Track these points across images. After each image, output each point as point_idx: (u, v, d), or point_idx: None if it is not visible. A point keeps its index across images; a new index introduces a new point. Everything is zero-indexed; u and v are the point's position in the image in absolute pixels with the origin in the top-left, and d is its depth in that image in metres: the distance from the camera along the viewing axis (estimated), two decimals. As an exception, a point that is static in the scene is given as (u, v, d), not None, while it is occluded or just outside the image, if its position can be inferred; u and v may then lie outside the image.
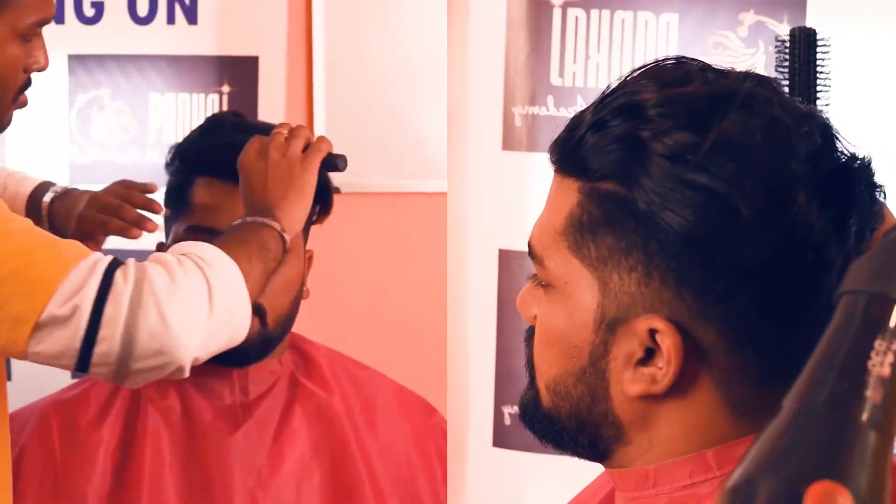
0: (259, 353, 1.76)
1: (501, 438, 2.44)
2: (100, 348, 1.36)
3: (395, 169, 2.70)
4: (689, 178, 0.91)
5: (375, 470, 1.81)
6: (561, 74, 2.37)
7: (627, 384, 0.96)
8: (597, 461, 1.04)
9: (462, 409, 2.41)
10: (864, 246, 0.96)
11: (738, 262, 0.91)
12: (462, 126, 2.36)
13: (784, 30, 2.21)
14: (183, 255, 1.44)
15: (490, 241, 2.40)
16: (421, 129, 2.71)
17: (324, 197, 1.75)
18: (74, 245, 1.39)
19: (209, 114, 2.66)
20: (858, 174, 0.95)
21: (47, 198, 1.79)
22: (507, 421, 2.42)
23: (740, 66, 2.10)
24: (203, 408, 1.74)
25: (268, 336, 1.72)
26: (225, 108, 2.67)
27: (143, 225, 1.74)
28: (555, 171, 1.00)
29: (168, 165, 1.79)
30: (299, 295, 1.77)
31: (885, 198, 0.98)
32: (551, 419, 1.03)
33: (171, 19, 2.65)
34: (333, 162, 1.62)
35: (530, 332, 1.05)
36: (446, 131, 2.42)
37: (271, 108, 2.67)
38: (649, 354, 0.95)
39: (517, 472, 2.46)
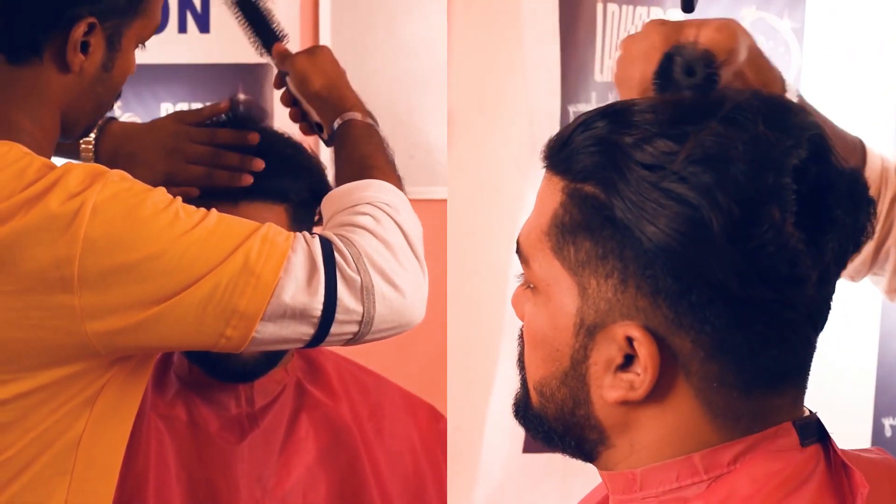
0: (265, 368, 1.75)
1: (533, 443, 2.44)
2: (336, 330, 1.37)
3: (403, 175, 2.70)
4: (664, 188, 0.91)
5: (384, 478, 1.80)
6: (601, 71, 2.36)
7: (606, 390, 0.97)
8: (586, 461, 1.04)
9: (462, 414, 2.41)
10: (845, 261, 0.96)
11: (709, 274, 0.90)
12: (463, 131, 2.36)
13: (784, 25, 2.21)
14: (368, 205, 1.44)
15: (490, 244, 2.40)
16: (424, 136, 2.72)
17: None
18: (273, 228, 1.37)
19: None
20: (841, 193, 0.93)
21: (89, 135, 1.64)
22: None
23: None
24: (209, 418, 1.74)
25: (272, 352, 1.72)
26: (238, 116, 2.66)
27: (250, 166, 1.67)
28: (545, 168, 1.01)
29: None
30: None
31: (874, 213, 0.97)
32: (540, 419, 1.03)
33: (182, 28, 2.65)
34: None
35: (521, 332, 1.06)
36: (450, 136, 2.41)
37: (285, 115, 2.66)
38: (628, 360, 0.95)
39: (547, 475, 2.45)
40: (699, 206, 0.89)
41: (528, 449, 2.45)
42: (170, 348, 1.43)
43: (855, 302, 1.35)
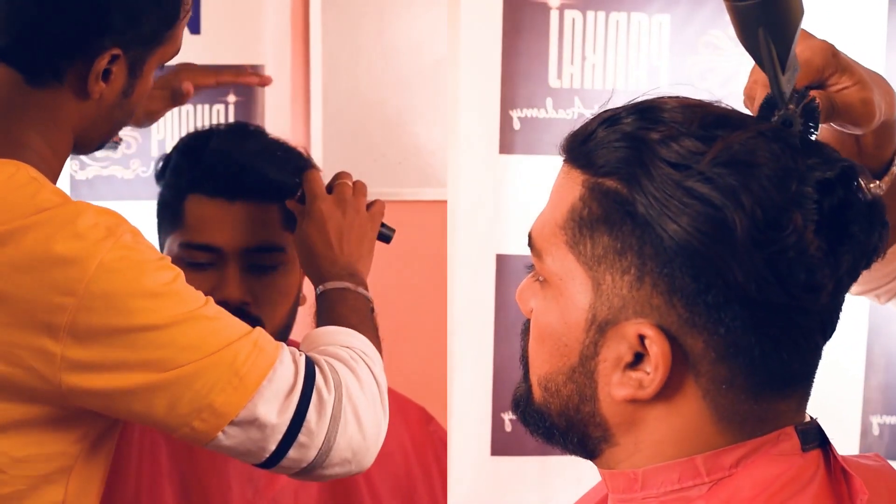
0: None
1: (501, 446, 2.44)
2: (294, 453, 1.37)
3: (395, 177, 2.70)
4: (689, 187, 0.91)
5: (374, 479, 1.80)
6: (559, 77, 2.37)
7: (615, 387, 0.97)
8: (587, 459, 1.05)
9: (462, 418, 2.41)
10: (857, 275, 0.97)
11: (728, 275, 0.91)
12: (460, 132, 2.36)
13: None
14: (348, 349, 1.44)
15: (488, 247, 2.40)
16: (420, 137, 2.71)
17: None
18: (263, 335, 1.38)
19: (214, 125, 2.64)
20: (860, 212, 0.94)
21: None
22: (508, 428, 2.42)
23: (729, 63, 2.10)
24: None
25: None
26: (231, 118, 2.64)
27: (263, 78, 1.76)
28: (564, 161, 1.01)
29: (158, 177, 1.77)
30: (296, 303, 1.77)
31: (887, 236, 0.98)
32: (542, 415, 1.04)
33: (173, 29, 2.64)
34: (386, 233, 1.69)
35: (526, 326, 1.06)
36: (447, 138, 2.41)
37: (277, 117, 2.66)
38: (638, 358, 0.96)
39: (517, 479, 2.45)
40: (723, 206, 0.90)
41: (495, 452, 2.45)
42: (134, 421, 1.42)
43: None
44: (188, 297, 1.34)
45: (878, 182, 1.16)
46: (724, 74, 2.27)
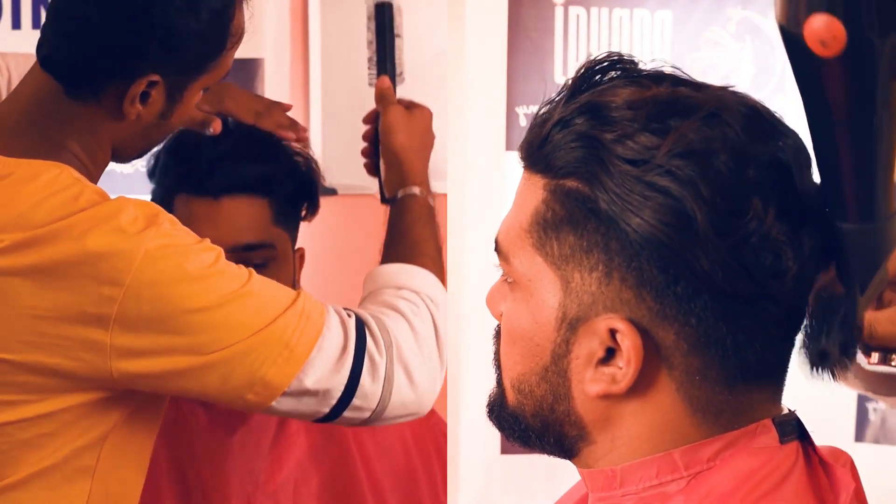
0: None
1: (510, 445, 2.45)
2: (349, 414, 1.42)
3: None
4: (648, 180, 0.91)
5: (375, 472, 1.80)
6: (564, 73, 2.38)
7: (588, 384, 0.97)
8: (565, 458, 1.05)
9: (472, 416, 2.41)
10: (819, 261, 0.95)
11: (695, 265, 0.91)
12: (467, 129, 2.37)
13: (769, 24, 2.22)
14: (415, 294, 1.49)
15: (490, 243, 2.40)
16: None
17: (311, 196, 1.76)
18: (309, 300, 1.41)
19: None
20: (814, 195, 0.94)
21: None
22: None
23: (730, 59, 2.09)
24: (198, 413, 1.74)
25: None
26: (232, 112, 2.64)
27: (298, 132, 1.75)
28: (523, 167, 1.01)
29: (150, 174, 1.78)
30: None
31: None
32: (516, 418, 1.03)
33: (173, 24, 2.63)
34: None
35: (498, 330, 1.06)
36: (446, 133, 2.41)
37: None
38: (610, 354, 0.96)
39: (526, 477, 2.45)
40: (682, 197, 0.90)
41: (505, 450, 2.45)
42: (189, 397, 1.47)
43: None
44: (232, 276, 1.37)
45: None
46: (724, 70, 2.28)
